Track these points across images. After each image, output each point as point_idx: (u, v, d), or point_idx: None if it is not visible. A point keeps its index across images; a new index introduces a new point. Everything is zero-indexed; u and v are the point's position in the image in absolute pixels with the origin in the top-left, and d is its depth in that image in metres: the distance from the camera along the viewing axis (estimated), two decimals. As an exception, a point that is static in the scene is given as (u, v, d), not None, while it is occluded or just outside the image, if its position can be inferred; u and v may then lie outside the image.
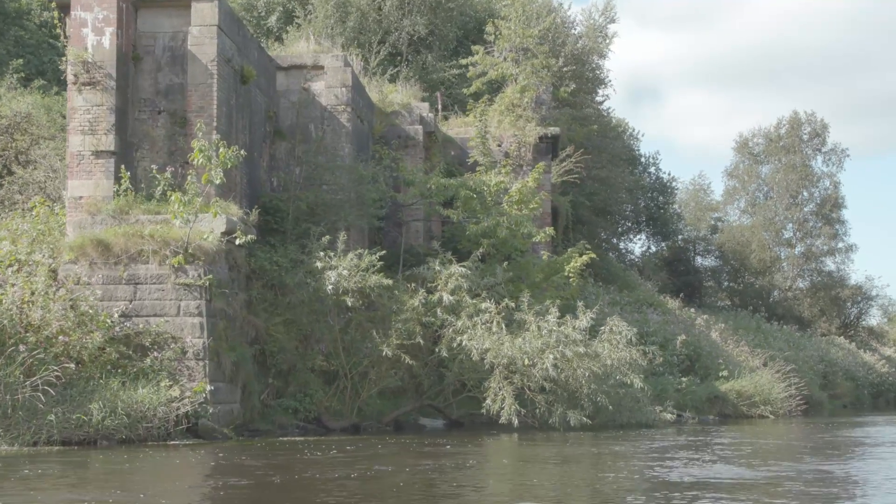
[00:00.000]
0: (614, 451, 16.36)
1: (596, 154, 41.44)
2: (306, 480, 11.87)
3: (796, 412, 29.02)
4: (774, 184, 59.33)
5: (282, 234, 20.83)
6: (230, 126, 19.43)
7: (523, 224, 22.83)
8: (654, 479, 12.44)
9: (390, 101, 26.00)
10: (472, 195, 23.17)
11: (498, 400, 19.07)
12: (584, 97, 41.67)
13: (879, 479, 12.99)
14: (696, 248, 58.97)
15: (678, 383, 26.43)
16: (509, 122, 27.96)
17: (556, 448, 17.01)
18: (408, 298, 19.48)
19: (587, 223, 41.97)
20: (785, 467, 14.12)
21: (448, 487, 11.45)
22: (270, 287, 19.39)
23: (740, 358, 31.96)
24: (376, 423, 20.20)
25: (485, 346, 18.98)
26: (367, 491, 11.02)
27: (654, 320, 30.18)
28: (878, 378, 47.92)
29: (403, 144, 25.53)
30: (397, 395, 21.02)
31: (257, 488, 11.12)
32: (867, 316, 60.73)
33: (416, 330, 19.40)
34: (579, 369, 19.26)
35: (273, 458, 14.21)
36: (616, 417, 20.72)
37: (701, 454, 16.02)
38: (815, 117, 59.40)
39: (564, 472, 13.46)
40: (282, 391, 19.12)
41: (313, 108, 22.57)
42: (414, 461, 14.21)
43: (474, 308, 19.67)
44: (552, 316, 19.72)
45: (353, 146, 22.87)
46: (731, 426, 24.15)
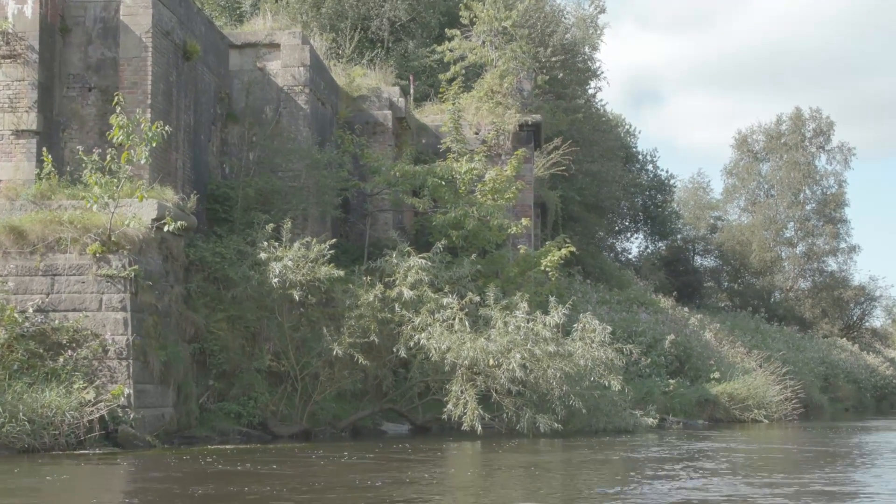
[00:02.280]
0: (582, 461, 14.72)
1: (587, 148, 39.93)
2: (210, 497, 10.26)
3: (792, 416, 27.33)
4: (775, 182, 57.64)
5: (231, 223, 19.25)
6: (169, 105, 17.82)
7: (495, 215, 21.16)
8: (626, 495, 10.81)
9: (358, 85, 24.37)
10: (441, 183, 21.54)
11: (460, 404, 17.40)
12: (574, 88, 40.13)
13: (886, 493, 11.40)
14: (696, 247, 57.37)
15: (665, 386, 24.76)
16: (487, 109, 26.29)
17: (521, 457, 15.38)
18: (363, 293, 17.84)
19: (579, 220, 40.36)
20: (777, 479, 12.49)
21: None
22: (212, 280, 17.75)
23: (735, 359, 30.30)
24: (331, 429, 18.56)
25: (444, 345, 17.31)
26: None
27: (642, 319, 28.49)
28: (882, 381, 46.28)
29: (371, 131, 23.88)
30: (357, 399, 19.39)
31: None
32: (871, 317, 59.09)
33: (372, 327, 17.75)
34: (550, 370, 17.59)
35: (190, 469, 12.59)
36: (592, 422, 19.07)
37: (681, 464, 14.39)
38: (820, 114, 57.72)
39: (524, 487, 11.84)
40: (224, 394, 17.47)
41: (269, 89, 20.97)
42: (356, 473, 12.60)
43: (436, 303, 18.02)
44: (521, 312, 18.07)
45: (312, 130, 21.25)
46: (721, 431, 22.48)
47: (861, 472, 14.13)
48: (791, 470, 14.11)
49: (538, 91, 32.54)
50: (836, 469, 14.23)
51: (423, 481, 12.00)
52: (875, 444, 20.24)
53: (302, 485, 11.12)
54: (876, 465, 15.24)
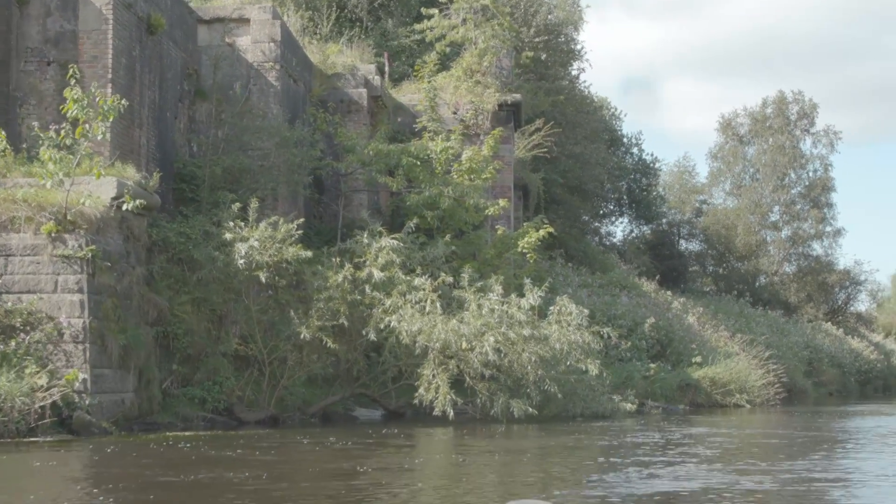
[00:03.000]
0: (557, 447, 14.25)
1: (570, 130, 39.43)
2: (164, 484, 9.75)
3: (775, 401, 26.92)
4: (761, 165, 57.20)
5: (197, 203, 18.68)
6: (132, 80, 17.21)
7: (471, 195, 20.62)
8: (601, 483, 10.33)
9: (333, 63, 23.75)
10: (416, 163, 20.98)
11: (432, 389, 16.89)
12: (557, 69, 39.61)
13: (870, 478, 10.96)
14: (681, 231, 56.96)
15: (646, 370, 24.30)
16: (466, 88, 25.68)
17: (494, 443, 14.91)
18: (332, 275, 17.29)
19: (562, 202, 39.85)
20: (758, 466, 12.03)
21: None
22: (177, 262, 17.17)
23: (718, 343, 29.87)
24: (300, 415, 18.04)
25: (415, 327, 16.79)
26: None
27: (623, 303, 28.00)
28: (866, 365, 45.99)
29: (346, 109, 23.29)
30: (328, 384, 18.87)
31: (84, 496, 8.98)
32: (855, 301, 58.81)
33: (342, 310, 17.21)
34: (525, 353, 17.08)
35: (145, 458, 12.08)
36: (568, 407, 18.60)
37: (658, 450, 13.95)
38: (803, 97, 57.26)
39: (497, 474, 11.35)
40: (188, 379, 16.93)
41: (238, 66, 20.35)
42: (322, 462, 12.10)
43: (407, 285, 17.49)
44: (495, 294, 17.56)
45: (283, 108, 20.66)
46: (702, 416, 22.06)
47: (845, 458, 13.71)
48: (771, 456, 13.67)
49: (519, 71, 32.01)
50: (819, 455, 13.80)
51: (392, 469, 11.52)
52: (858, 429, 19.85)
53: (263, 472, 10.61)
54: (860, 451, 14.83)
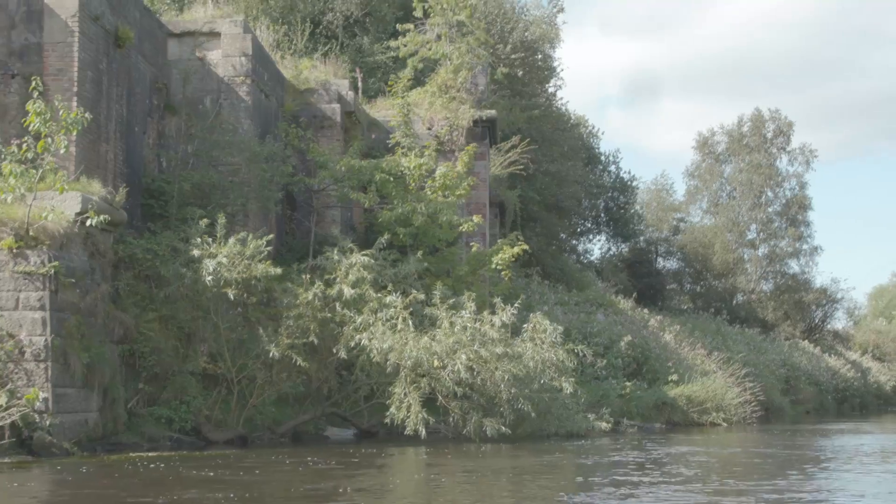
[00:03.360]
0: (530, 467, 14.00)
1: (547, 147, 39.39)
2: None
3: (751, 419, 26.76)
4: (738, 183, 57.31)
5: (166, 219, 18.37)
6: (98, 93, 16.92)
7: (444, 211, 20.39)
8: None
9: (306, 78, 23.51)
10: (389, 179, 20.75)
11: (403, 408, 16.62)
12: (534, 86, 39.56)
13: (833, 498, 10.75)
14: (658, 249, 56.95)
15: (621, 388, 24.09)
16: (441, 104, 25.51)
17: (467, 463, 14.64)
18: (302, 292, 17.02)
19: (539, 220, 39.71)
20: (738, 487, 11.82)
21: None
22: (144, 279, 16.87)
23: (695, 361, 29.72)
24: (270, 435, 17.72)
25: (386, 344, 16.52)
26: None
27: (599, 321, 27.82)
28: (843, 383, 45.98)
29: (319, 125, 23.03)
30: (299, 403, 18.54)
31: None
32: (832, 319, 58.90)
33: (312, 328, 16.93)
34: (497, 372, 16.84)
35: (120, 478, 11.80)
36: (543, 426, 18.34)
37: (633, 470, 13.71)
38: (780, 115, 57.48)
39: (470, 496, 11.09)
40: (155, 398, 16.58)
41: (209, 80, 20.09)
42: (300, 482, 11.80)
43: (378, 303, 17.22)
44: (467, 311, 17.32)
45: (255, 123, 20.41)
46: (678, 435, 21.85)
47: (819, 478, 13.51)
48: (750, 476, 13.46)
49: (494, 87, 31.87)
50: (798, 474, 13.61)
51: (362, 491, 11.24)
52: (838, 448, 19.67)
53: (245, 493, 10.31)
54: (835, 471, 14.64)
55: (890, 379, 53.90)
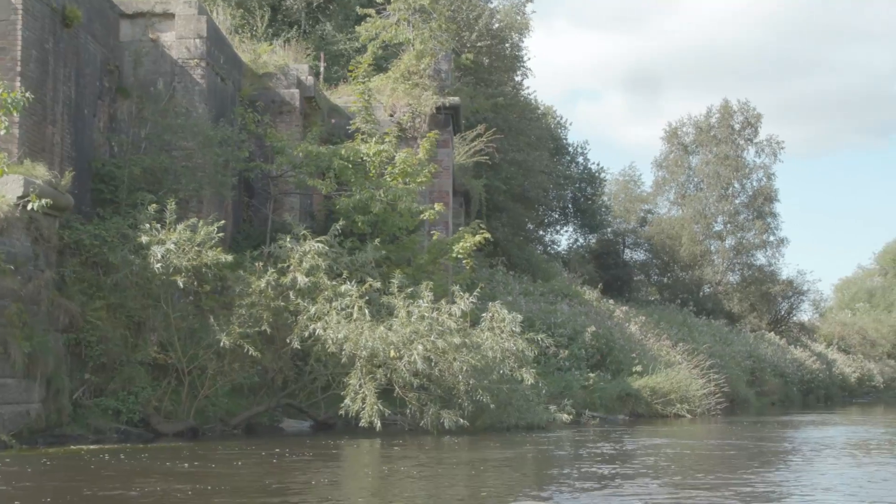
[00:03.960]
0: (487, 461, 13.63)
1: (513, 136, 39.04)
2: (108, 499, 9.02)
3: (716, 411, 26.54)
4: (705, 175, 57.19)
5: (116, 204, 17.83)
6: (44, 74, 16.35)
7: (403, 198, 19.94)
8: (532, 499, 9.72)
9: (264, 62, 22.98)
10: (348, 165, 20.29)
11: (358, 399, 16.19)
12: (500, 75, 39.19)
13: (799, 494, 10.46)
14: (626, 240, 56.79)
15: (585, 379, 23.76)
16: (403, 91, 25.04)
17: (423, 456, 14.26)
18: (255, 280, 16.54)
19: (506, 210, 39.35)
20: (691, 480, 11.50)
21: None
22: (91, 265, 16.33)
23: (661, 352, 29.46)
24: (222, 426, 17.24)
25: (341, 334, 16.08)
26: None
27: (564, 311, 27.47)
28: (809, 375, 45.98)
29: (278, 110, 22.51)
30: (255, 394, 18.07)
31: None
32: (798, 311, 58.94)
33: (265, 316, 16.46)
34: (456, 362, 16.44)
35: (73, 471, 11.42)
36: (502, 418, 17.97)
37: (591, 463, 13.39)
38: (749, 106, 57.35)
39: (425, 490, 10.71)
40: (102, 389, 16.06)
41: (162, 62, 19.52)
42: (229, 477, 11.37)
43: (333, 291, 16.78)
44: (425, 301, 16.91)
45: (210, 107, 19.86)
46: (641, 427, 21.57)
47: (788, 471, 13.24)
48: (707, 469, 13.16)
49: (459, 74, 31.46)
50: (761, 468, 13.33)
51: (313, 485, 10.83)
52: (801, 440, 19.47)
53: (208, 485, 9.88)
54: (802, 464, 14.39)
55: (854, 371, 54.04)
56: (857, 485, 11.48)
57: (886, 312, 67.55)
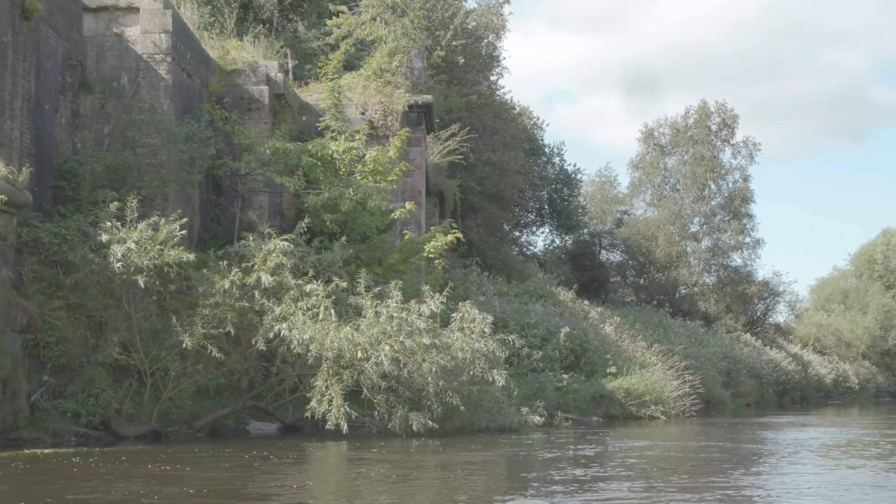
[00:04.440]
0: (456, 463, 13.30)
1: (488, 136, 38.79)
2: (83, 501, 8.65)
3: (691, 412, 26.33)
4: (681, 176, 57.10)
5: (78, 202, 17.38)
6: (2, 68, 15.89)
7: (373, 197, 19.58)
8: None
9: (233, 59, 22.57)
10: (316, 163, 19.93)
11: (325, 401, 15.83)
12: (475, 75, 38.91)
13: (776, 496, 10.18)
14: (602, 242, 56.65)
15: (558, 381, 23.48)
16: (375, 89, 24.71)
17: (390, 459, 13.91)
18: (219, 279, 16.15)
19: (481, 210, 39.07)
20: (667, 485, 11.21)
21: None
22: (50, 264, 15.89)
23: (636, 354, 29.26)
24: (186, 429, 16.84)
25: (307, 335, 15.72)
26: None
27: (538, 312, 27.20)
28: (784, 376, 45.97)
29: (246, 107, 22.10)
30: (221, 396, 17.68)
31: None
32: (774, 312, 58.96)
33: (228, 317, 16.08)
34: (425, 363, 16.10)
35: (42, 475, 10.99)
36: (473, 420, 17.65)
37: (563, 467, 13.08)
38: (726, 107, 57.29)
39: (392, 494, 10.36)
40: (61, 391, 15.63)
41: (126, 57, 19.10)
42: (178, 483, 11.00)
43: (299, 291, 16.41)
44: (393, 300, 16.56)
45: (176, 103, 19.45)
46: (616, 429, 21.30)
47: (757, 475, 12.98)
48: (682, 472, 12.89)
49: (432, 72, 31.12)
50: (730, 471, 13.06)
51: (280, 488, 10.47)
52: (776, 442, 19.25)
53: (185, 487, 9.51)
54: (778, 466, 14.15)
55: (830, 372, 54.11)
56: (835, 489, 11.23)
57: (861, 314, 67.73)
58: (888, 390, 65.15)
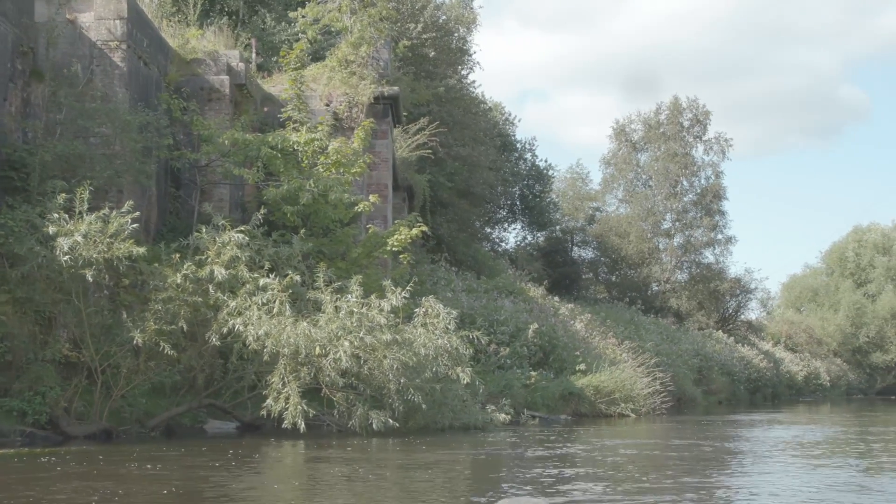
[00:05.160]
0: (413, 465, 12.81)
1: (458, 131, 38.34)
2: None
3: (661, 410, 25.95)
4: (654, 172, 56.81)
5: (27, 193, 16.76)
6: (-55, 52, 15.29)
7: (334, 188, 19.04)
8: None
9: (193, 48, 21.97)
10: (276, 154, 19.37)
11: (281, 399, 15.28)
12: (445, 68, 38.43)
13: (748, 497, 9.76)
14: (574, 238, 56.33)
15: (526, 378, 23.02)
16: (340, 80, 24.20)
17: (345, 458, 13.39)
18: (171, 273, 15.56)
19: (451, 206, 38.58)
20: (637, 485, 10.75)
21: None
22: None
23: (606, 351, 28.85)
24: (139, 428, 16.25)
25: (262, 330, 15.17)
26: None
27: (506, 308, 26.73)
28: (756, 373, 45.81)
29: (206, 97, 21.53)
30: (178, 393, 17.10)
31: None
32: (746, 310, 58.85)
33: (181, 312, 15.51)
34: (386, 360, 15.59)
35: None
36: (436, 419, 17.15)
37: (524, 466, 12.61)
38: (697, 103, 57.05)
39: (350, 496, 9.85)
40: (6, 389, 15.01)
41: (80, 44, 18.48)
42: (115, 485, 10.45)
43: (255, 285, 15.85)
44: (353, 295, 16.04)
45: (131, 92, 18.84)
46: (584, 427, 20.87)
47: (728, 475, 12.56)
48: (650, 471, 12.45)
49: (399, 64, 30.64)
50: (700, 470, 12.63)
51: (225, 495, 9.93)
52: (749, 439, 18.87)
53: (162, 487, 8.95)
54: (744, 466, 13.74)
55: (801, 369, 54.05)
56: (809, 488, 10.83)
57: (833, 311, 67.80)
58: (859, 387, 65.26)
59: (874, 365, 68.32)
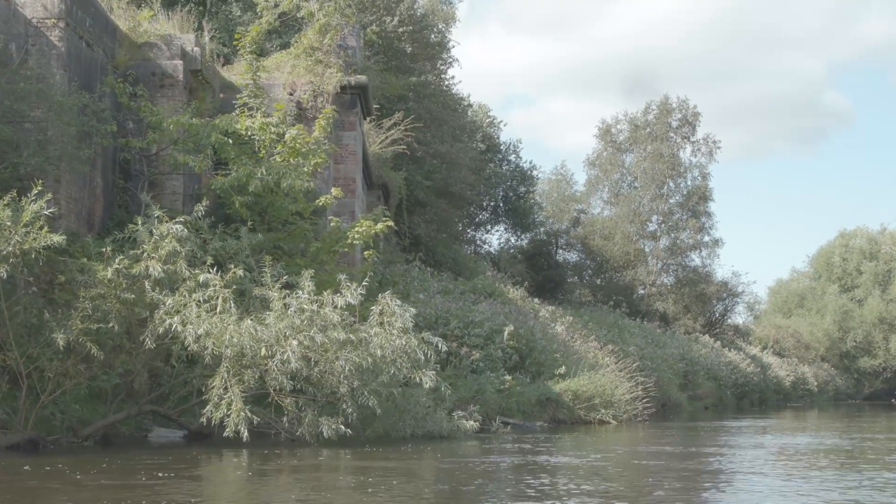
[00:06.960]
0: (360, 482, 11.46)
1: (436, 127, 37.08)
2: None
3: (643, 416, 24.64)
4: (640, 173, 55.58)
5: (-50, 182, 15.36)
6: None
7: (287, 176, 17.66)
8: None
9: (145, 31, 20.59)
10: (227, 140, 18.01)
11: (223, 404, 13.90)
12: (423, 63, 37.15)
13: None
14: (558, 241, 55.06)
15: (501, 383, 21.67)
16: (305, 68, 22.87)
17: (293, 468, 12.06)
18: (101, 268, 14.17)
19: (429, 205, 37.25)
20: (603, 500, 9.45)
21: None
22: None
23: (588, 354, 27.55)
24: (71, 438, 14.84)
25: (201, 330, 13.79)
26: None
27: (482, 310, 25.39)
28: (743, 378, 44.63)
29: (158, 83, 20.14)
30: (118, 400, 15.69)
31: None
32: (733, 314, 57.73)
33: (113, 310, 14.12)
34: (338, 361, 14.23)
35: None
36: (396, 426, 15.81)
37: (494, 478, 11.30)
38: (688, 104, 55.83)
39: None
40: (-80, 395, 13.64)
41: (15, 23, 17.10)
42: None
43: (195, 281, 14.46)
44: (305, 291, 14.68)
45: (72, 75, 17.45)
46: (560, 435, 19.54)
47: (704, 489, 11.27)
48: (629, 484, 11.15)
49: (369, 54, 29.36)
50: (675, 481, 11.35)
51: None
52: (735, 447, 17.58)
53: None
54: (727, 477, 12.45)
55: (789, 374, 52.96)
56: (803, 496, 9.56)
57: (820, 316, 66.81)
58: (847, 392, 64.27)
59: (862, 370, 67.38)
